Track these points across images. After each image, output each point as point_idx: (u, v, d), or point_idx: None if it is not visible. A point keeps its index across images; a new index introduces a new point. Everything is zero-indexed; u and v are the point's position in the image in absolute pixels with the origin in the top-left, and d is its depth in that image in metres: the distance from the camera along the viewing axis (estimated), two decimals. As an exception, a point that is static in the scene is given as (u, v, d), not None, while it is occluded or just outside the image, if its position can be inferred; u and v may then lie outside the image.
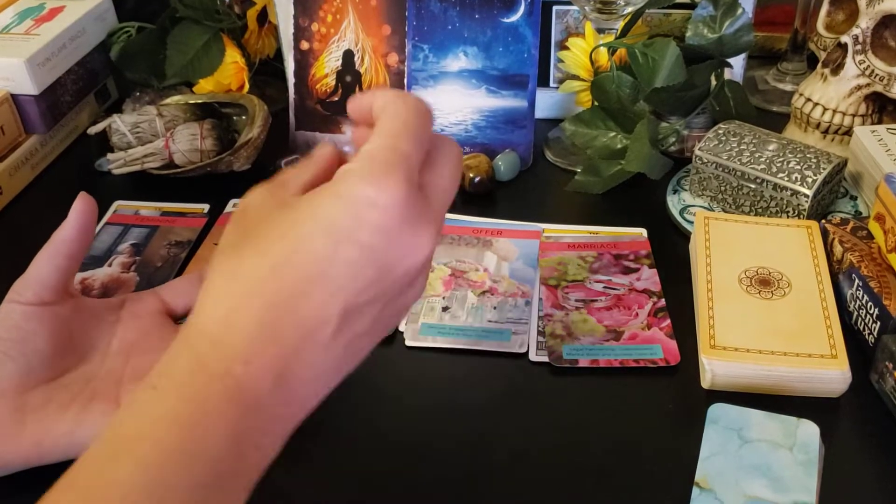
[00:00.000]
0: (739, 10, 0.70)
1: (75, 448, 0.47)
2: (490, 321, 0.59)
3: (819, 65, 0.72)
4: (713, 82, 0.72)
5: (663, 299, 0.60)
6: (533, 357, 0.57)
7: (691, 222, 0.66)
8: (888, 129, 0.68)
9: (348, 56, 0.76)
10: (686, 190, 0.70)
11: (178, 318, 0.55)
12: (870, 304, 0.55)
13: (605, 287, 0.62)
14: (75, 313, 0.51)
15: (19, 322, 0.48)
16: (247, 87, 0.80)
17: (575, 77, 0.78)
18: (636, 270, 0.63)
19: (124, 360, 0.51)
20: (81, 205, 0.51)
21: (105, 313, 0.53)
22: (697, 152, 0.67)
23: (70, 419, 0.47)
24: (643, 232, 0.67)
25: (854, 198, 0.68)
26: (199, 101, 0.77)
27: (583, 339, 0.57)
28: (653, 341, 0.57)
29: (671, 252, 0.65)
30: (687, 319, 0.58)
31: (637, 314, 0.59)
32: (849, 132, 0.71)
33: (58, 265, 0.49)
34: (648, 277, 0.62)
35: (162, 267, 0.65)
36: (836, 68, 0.70)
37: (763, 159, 0.65)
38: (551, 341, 0.57)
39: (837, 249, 0.60)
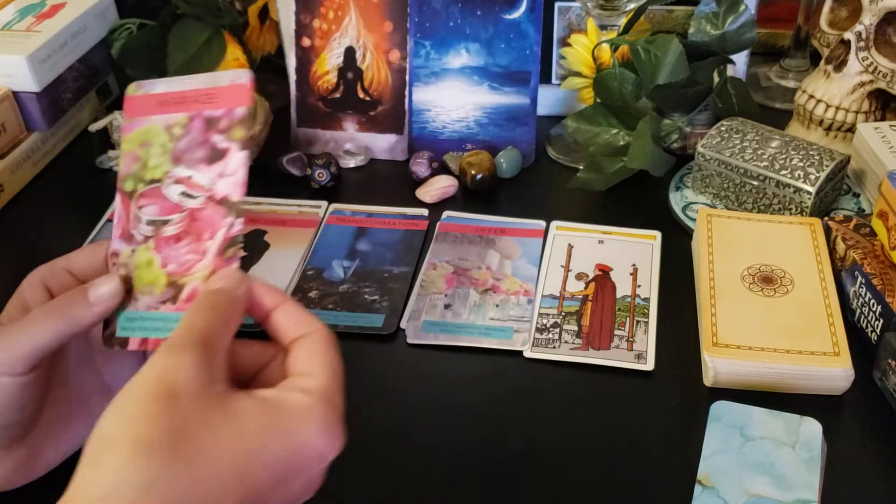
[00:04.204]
0: (742, 7, 0.69)
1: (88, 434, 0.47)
2: (492, 319, 0.59)
3: (822, 61, 0.72)
4: (716, 79, 0.72)
5: (239, 220, 0.40)
6: (528, 354, 0.56)
7: (694, 220, 0.66)
8: (891, 125, 0.68)
9: (350, 53, 0.76)
10: (689, 187, 0.70)
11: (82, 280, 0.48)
12: (872, 301, 0.54)
13: (182, 193, 0.41)
14: None
15: (15, 395, 0.42)
16: (248, 83, 0.80)
17: (577, 74, 0.78)
18: (224, 154, 0.41)
19: (87, 345, 0.47)
20: (111, 288, 0.43)
21: None
22: (700, 149, 0.67)
23: (77, 428, 0.47)
24: (657, 234, 0.66)
25: (857, 195, 0.68)
26: (201, 98, 0.77)
27: (142, 299, 0.41)
28: None
29: (674, 249, 0.65)
30: (689, 317, 0.58)
31: (205, 252, 0.40)
32: (852, 129, 0.70)
33: (63, 339, 0.43)
34: (234, 171, 0.40)
35: (163, 264, 0.65)
36: (840, 65, 0.70)
37: (766, 156, 0.65)
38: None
39: (840, 247, 0.60)
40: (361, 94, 0.77)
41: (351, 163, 0.76)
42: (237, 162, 0.41)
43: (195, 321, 0.38)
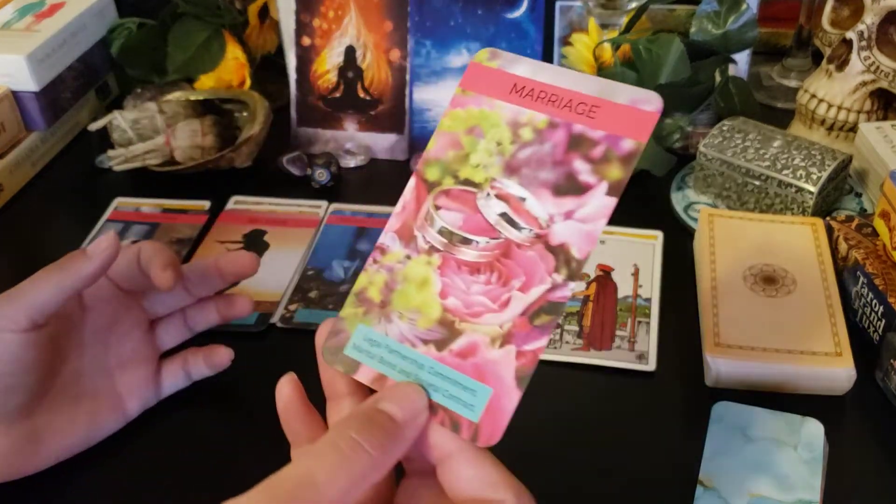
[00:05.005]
0: (744, 6, 0.69)
1: (93, 440, 0.48)
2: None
3: (824, 61, 0.72)
4: (717, 78, 0.72)
5: (573, 285, 0.31)
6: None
7: (695, 219, 0.66)
8: (893, 125, 0.67)
9: (350, 52, 0.76)
10: (690, 187, 0.70)
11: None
12: (874, 301, 0.54)
13: (504, 215, 0.33)
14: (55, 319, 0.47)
15: (18, 353, 0.44)
16: (248, 83, 0.80)
17: (578, 73, 0.78)
18: (583, 190, 0.32)
19: (104, 349, 0.49)
20: (109, 242, 0.45)
21: (70, 306, 0.49)
22: (702, 149, 0.67)
23: (81, 425, 0.48)
24: (659, 234, 0.66)
25: (859, 195, 0.68)
26: (200, 98, 0.77)
27: (397, 322, 0.33)
28: (486, 377, 0.32)
29: (675, 249, 0.64)
30: (690, 317, 0.58)
31: (506, 303, 0.32)
32: (854, 129, 0.70)
33: (65, 294, 0.44)
34: (591, 219, 0.32)
35: (163, 264, 0.65)
36: (842, 64, 0.69)
37: (768, 156, 0.64)
38: (350, 309, 0.34)
39: (842, 247, 0.59)
40: (362, 94, 0.76)
41: (351, 162, 0.76)
42: (599, 209, 0.31)
43: (315, 467, 0.27)
